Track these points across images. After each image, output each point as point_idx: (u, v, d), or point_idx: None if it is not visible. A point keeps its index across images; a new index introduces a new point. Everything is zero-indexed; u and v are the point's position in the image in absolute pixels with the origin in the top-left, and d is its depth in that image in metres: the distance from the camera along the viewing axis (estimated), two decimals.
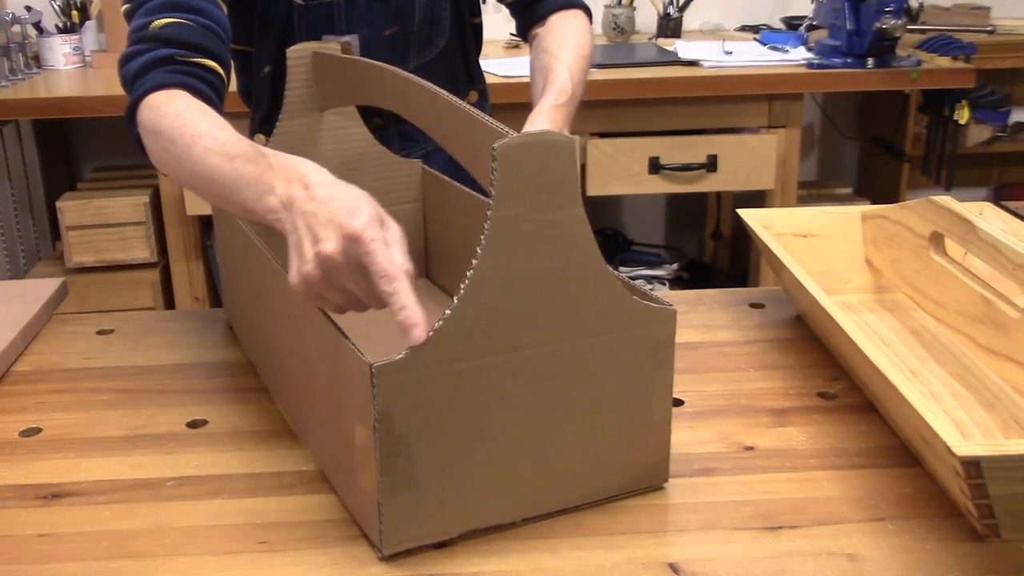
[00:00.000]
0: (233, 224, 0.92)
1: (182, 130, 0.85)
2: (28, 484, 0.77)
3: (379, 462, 0.64)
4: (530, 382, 0.67)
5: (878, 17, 2.22)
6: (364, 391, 0.63)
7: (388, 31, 1.18)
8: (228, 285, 1.03)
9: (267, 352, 0.90)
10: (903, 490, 0.74)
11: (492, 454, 0.68)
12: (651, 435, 0.73)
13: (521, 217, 0.64)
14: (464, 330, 0.64)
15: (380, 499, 0.65)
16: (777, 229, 1.06)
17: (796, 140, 2.40)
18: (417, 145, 1.26)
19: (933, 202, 0.93)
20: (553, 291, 0.66)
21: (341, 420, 0.70)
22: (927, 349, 0.94)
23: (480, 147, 0.71)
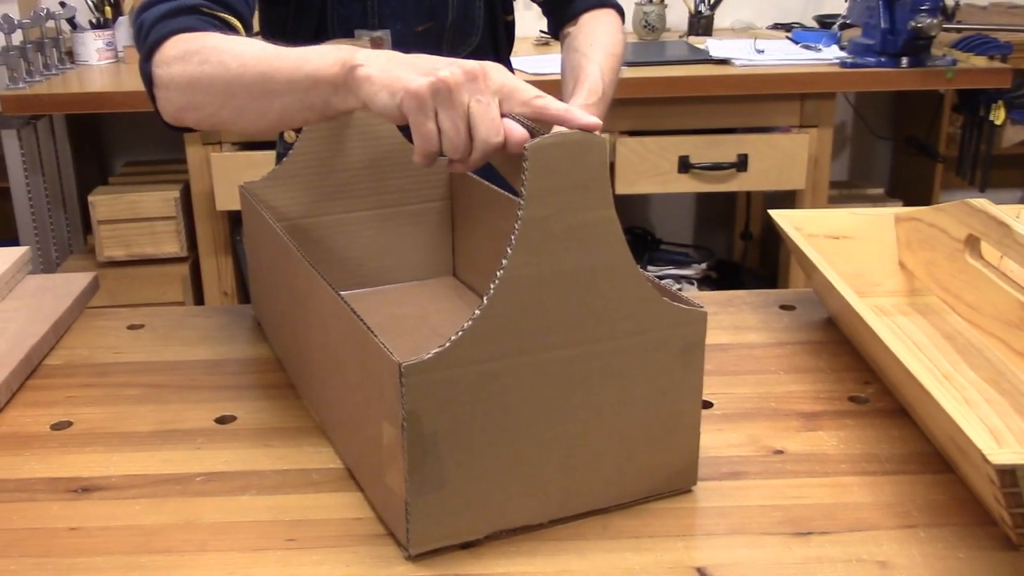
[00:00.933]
0: (262, 221, 0.92)
1: (224, 40, 0.83)
2: (59, 477, 0.77)
3: (407, 461, 0.64)
4: (559, 383, 0.67)
5: (913, 16, 2.19)
6: (392, 390, 0.63)
7: (420, 27, 1.18)
8: (256, 282, 1.04)
9: (295, 349, 0.90)
10: (935, 497, 0.73)
11: (520, 455, 0.67)
12: (680, 438, 0.73)
13: (552, 217, 0.63)
14: (493, 330, 0.64)
15: (407, 498, 0.65)
16: (809, 230, 1.05)
17: (828, 140, 2.38)
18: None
19: (969, 204, 0.92)
20: (583, 292, 0.66)
21: (368, 418, 0.70)
22: (961, 353, 0.93)
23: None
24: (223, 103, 0.83)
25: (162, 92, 0.87)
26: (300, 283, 0.82)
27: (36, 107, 2.28)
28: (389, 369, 0.63)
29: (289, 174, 1.01)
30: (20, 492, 0.76)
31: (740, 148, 2.32)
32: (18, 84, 2.29)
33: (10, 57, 2.27)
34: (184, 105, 0.86)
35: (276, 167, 1.01)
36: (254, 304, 1.06)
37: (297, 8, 1.16)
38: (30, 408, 0.88)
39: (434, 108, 0.68)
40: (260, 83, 0.79)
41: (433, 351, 0.63)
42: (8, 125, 2.32)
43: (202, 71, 0.82)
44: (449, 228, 1.10)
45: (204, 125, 0.90)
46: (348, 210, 1.04)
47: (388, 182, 1.05)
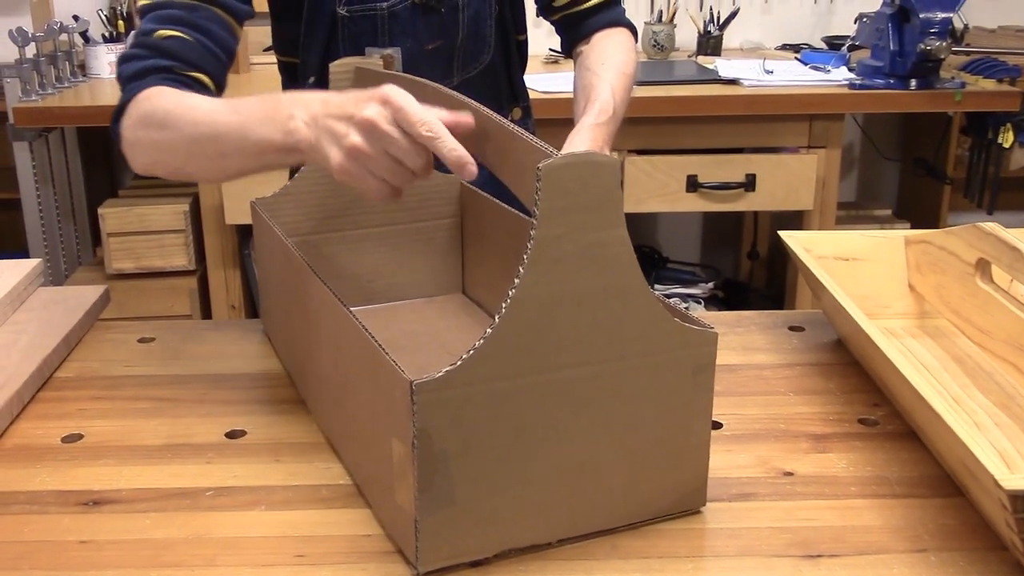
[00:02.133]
0: (273, 237, 0.92)
1: (179, 105, 0.90)
2: (69, 490, 0.77)
3: (417, 479, 0.64)
4: (569, 402, 0.67)
5: (922, 38, 2.20)
6: (403, 407, 0.63)
7: (431, 45, 1.19)
8: (267, 297, 1.04)
9: (305, 365, 0.90)
10: (946, 521, 0.73)
11: (530, 474, 0.67)
12: (689, 458, 0.73)
13: (564, 237, 0.64)
14: (505, 349, 0.64)
15: (417, 516, 0.65)
16: (818, 252, 1.05)
17: (836, 161, 2.38)
18: None
19: (979, 228, 0.92)
20: (594, 312, 0.66)
21: (378, 435, 0.70)
22: (971, 377, 0.93)
23: (524, 165, 0.71)
24: (186, 161, 0.90)
25: (129, 150, 0.94)
26: (312, 299, 0.82)
27: (48, 119, 2.29)
28: (400, 386, 0.64)
29: (301, 190, 1.01)
30: (31, 504, 0.76)
31: (748, 168, 2.33)
32: (30, 96, 2.30)
33: (23, 70, 2.29)
34: (151, 163, 0.94)
35: (288, 183, 1.02)
36: (263, 319, 1.07)
37: (308, 25, 1.17)
38: (41, 420, 0.89)
39: (364, 170, 0.76)
40: (213, 146, 0.86)
41: (444, 369, 0.63)
42: (20, 137, 2.33)
43: (162, 135, 0.90)
44: (459, 246, 1.10)
45: (173, 177, 0.98)
46: (358, 226, 1.05)
47: (398, 200, 1.05)
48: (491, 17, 1.21)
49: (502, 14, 1.23)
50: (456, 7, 1.18)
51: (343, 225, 1.04)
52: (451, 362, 0.63)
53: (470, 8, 1.19)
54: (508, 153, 0.75)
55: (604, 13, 1.23)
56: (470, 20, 1.20)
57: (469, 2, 1.18)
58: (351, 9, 1.15)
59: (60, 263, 2.52)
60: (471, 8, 1.19)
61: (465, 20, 1.19)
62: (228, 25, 1.01)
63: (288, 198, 1.01)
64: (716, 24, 2.85)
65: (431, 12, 1.17)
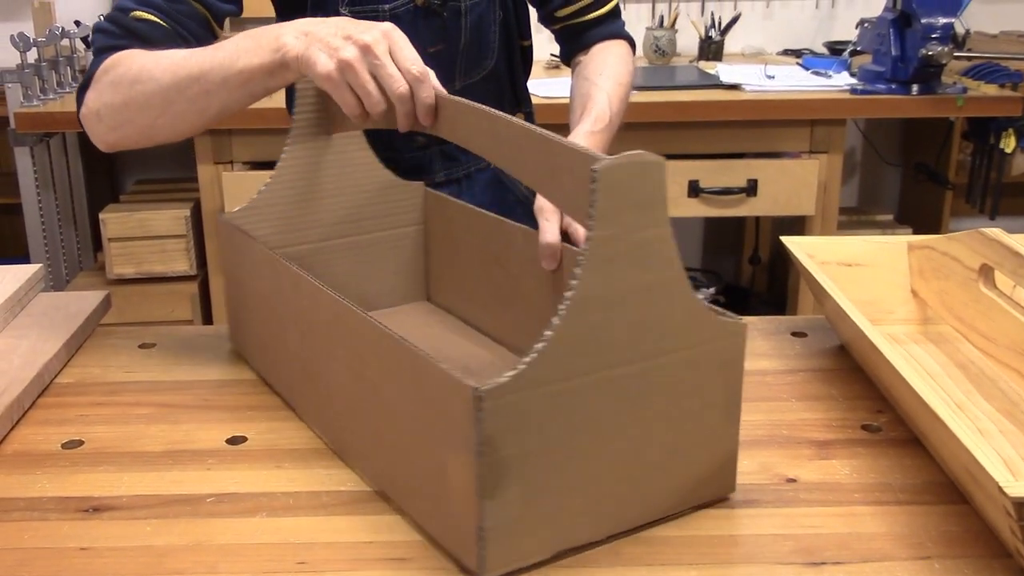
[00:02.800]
0: (254, 251, 0.91)
1: (154, 58, 0.93)
2: (70, 496, 0.77)
3: (481, 486, 0.64)
4: (621, 400, 0.68)
5: (924, 43, 2.20)
6: (465, 415, 0.63)
7: (432, 48, 1.19)
8: (240, 311, 1.00)
9: (301, 375, 0.89)
10: (949, 528, 0.72)
11: (585, 473, 0.68)
12: (724, 445, 0.75)
13: (618, 236, 0.65)
14: (563, 350, 0.64)
15: (481, 523, 0.65)
16: (821, 258, 1.05)
17: (838, 166, 2.38)
18: (459, 165, 1.27)
19: (983, 234, 0.92)
20: (643, 309, 0.67)
21: (425, 444, 0.69)
22: (974, 383, 0.92)
23: (557, 168, 0.71)
24: (160, 112, 0.92)
25: (92, 119, 0.97)
26: (320, 310, 0.81)
27: (49, 125, 2.29)
28: (460, 394, 0.63)
29: (267, 203, 1.00)
30: (31, 511, 0.75)
31: (750, 173, 2.33)
32: (32, 102, 2.30)
33: (24, 75, 2.29)
34: (117, 125, 0.96)
35: (254, 197, 1.00)
36: (233, 334, 1.04)
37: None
38: (41, 426, 0.88)
39: (345, 82, 0.82)
40: (195, 86, 0.89)
41: (508, 374, 0.63)
42: (21, 142, 2.33)
43: (135, 90, 0.92)
44: (422, 253, 1.10)
45: (138, 142, 0.98)
46: (324, 238, 1.03)
47: (363, 208, 1.05)
48: (495, 23, 1.21)
49: (507, 20, 1.23)
50: (459, 11, 1.18)
51: (309, 238, 1.03)
52: (513, 366, 0.63)
53: (473, 13, 1.19)
54: (539, 157, 0.74)
55: (605, 26, 1.25)
56: (473, 25, 1.19)
57: (472, 7, 1.18)
58: (353, 10, 1.15)
59: (61, 268, 2.52)
60: (474, 13, 1.19)
61: (468, 25, 1.19)
62: (205, 22, 1.03)
63: (254, 212, 0.99)
64: (718, 29, 2.85)
65: (433, 15, 1.17)
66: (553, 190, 0.74)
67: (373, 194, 1.06)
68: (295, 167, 1.00)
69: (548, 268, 0.91)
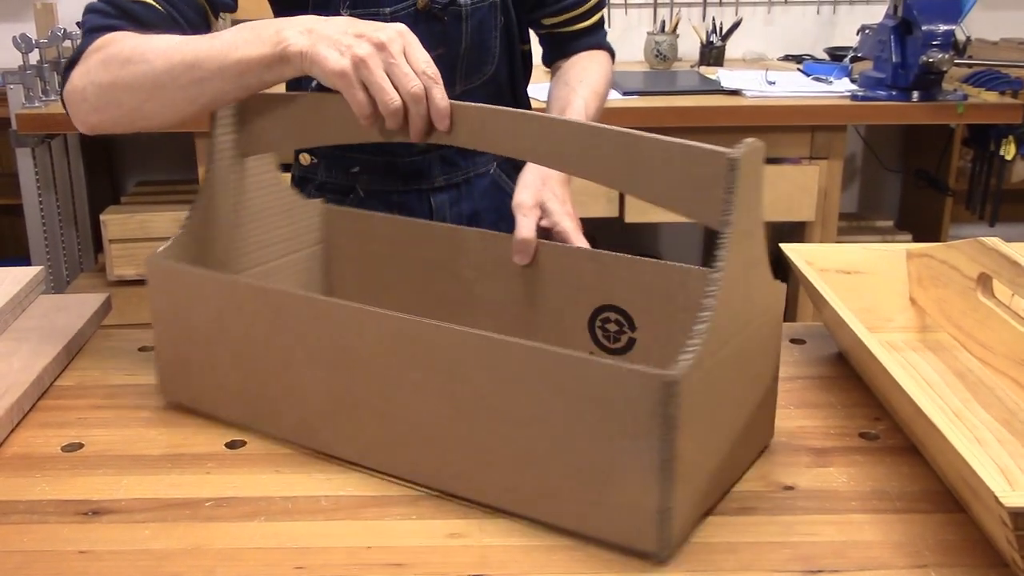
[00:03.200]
0: (231, 287, 0.84)
1: (149, 40, 0.91)
2: (69, 500, 0.77)
3: (663, 469, 0.67)
4: (738, 369, 0.75)
5: (925, 50, 2.20)
6: (650, 403, 0.66)
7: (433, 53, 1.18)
8: (186, 357, 0.89)
9: (322, 409, 0.82)
10: (946, 537, 0.73)
11: (718, 443, 0.75)
12: (771, 398, 0.84)
13: (749, 215, 0.71)
14: (715, 327, 0.70)
15: (665, 505, 0.68)
16: (820, 265, 1.05)
17: (838, 172, 2.39)
18: (459, 170, 1.27)
19: (981, 243, 0.92)
20: (752, 281, 0.75)
21: (586, 442, 0.70)
22: (972, 392, 0.92)
23: (636, 162, 0.75)
24: (148, 96, 0.90)
25: (75, 97, 0.94)
26: (381, 340, 0.76)
27: (51, 126, 2.30)
28: (646, 384, 0.66)
29: (194, 238, 0.93)
30: (30, 514, 0.76)
31: None
32: (33, 103, 2.31)
33: (26, 76, 2.30)
34: (100, 106, 0.93)
35: (177, 234, 0.91)
36: (170, 387, 0.92)
37: None
38: (41, 429, 0.89)
39: (359, 80, 0.80)
40: (188, 73, 0.86)
41: (686, 357, 0.67)
42: (23, 143, 2.33)
43: (125, 71, 0.90)
44: (324, 273, 1.07)
45: (120, 126, 0.95)
46: (244, 267, 0.98)
47: (273, 233, 1.01)
48: (496, 28, 1.21)
49: (508, 25, 1.23)
50: (459, 16, 1.18)
51: (238, 267, 0.98)
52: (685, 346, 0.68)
53: (474, 18, 1.19)
54: (615, 153, 0.76)
55: (589, 37, 1.29)
56: (474, 30, 1.20)
57: (473, 12, 1.19)
58: (354, 13, 1.16)
59: (62, 269, 2.52)
60: (475, 18, 1.19)
61: (469, 29, 1.19)
62: (202, 11, 1.02)
63: (181, 249, 0.91)
64: (719, 35, 2.85)
65: (434, 19, 1.17)
66: (633, 183, 0.76)
67: (279, 214, 1.01)
68: (216, 194, 0.93)
69: (519, 263, 0.94)
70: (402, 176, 1.25)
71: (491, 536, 0.73)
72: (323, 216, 1.06)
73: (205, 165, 0.90)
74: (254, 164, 0.96)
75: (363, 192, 1.26)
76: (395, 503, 0.77)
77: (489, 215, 1.29)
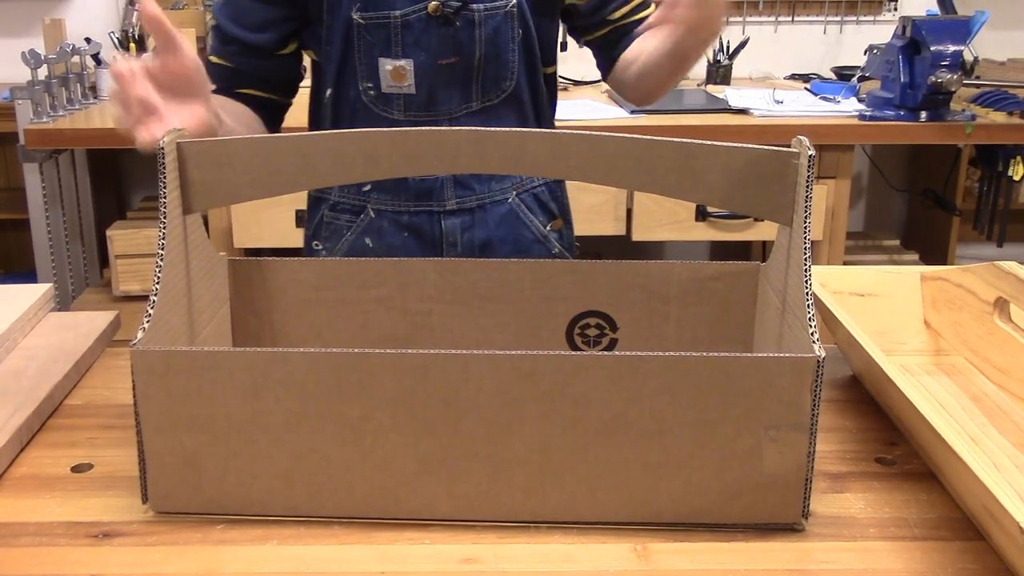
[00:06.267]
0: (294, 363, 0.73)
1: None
2: (79, 522, 0.77)
3: (809, 443, 0.74)
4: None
5: (933, 71, 2.20)
6: (801, 387, 0.72)
7: (445, 60, 1.18)
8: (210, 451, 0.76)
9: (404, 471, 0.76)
10: (966, 565, 0.72)
11: None
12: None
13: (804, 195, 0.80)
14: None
15: (808, 475, 0.75)
16: (834, 287, 1.04)
17: (845, 191, 2.39)
18: (472, 194, 1.25)
19: (998, 267, 0.91)
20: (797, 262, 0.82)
21: (732, 436, 0.74)
22: (988, 416, 0.92)
23: (697, 170, 0.80)
24: None
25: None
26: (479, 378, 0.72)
27: (58, 141, 2.30)
28: (799, 369, 0.71)
29: (162, 317, 0.82)
30: (40, 536, 0.75)
31: None
32: (42, 118, 2.31)
33: (35, 91, 2.30)
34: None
35: (146, 327, 0.79)
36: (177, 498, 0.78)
37: (328, 30, 1.19)
38: (50, 449, 0.88)
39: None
40: None
41: (813, 334, 0.73)
42: (30, 158, 2.33)
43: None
44: (230, 328, 0.98)
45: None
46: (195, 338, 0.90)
47: (201, 297, 0.91)
48: (513, 41, 1.20)
49: (527, 40, 1.22)
50: (472, 22, 1.17)
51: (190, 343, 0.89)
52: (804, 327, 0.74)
53: (487, 25, 1.18)
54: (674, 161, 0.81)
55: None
56: (488, 38, 1.18)
57: (486, 19, 1.17)
58: (366, 16, 1.16)
59: (68, 284, 2.52)
60: (488, 25, 1.18)
61: (482, 37, 1.18)
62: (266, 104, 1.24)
63: (159, 332, 0.81)
64: (726, 53, 2.86)
65: (446, 24, 1.17)
66: (695, 190, 0.81)
67: (202, 275, 0.90)
68: (175, 263, 0.83)
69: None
70: (414, 195, 1.24)
71: (505, 561, 0.72)
72: (228, 275, 0.95)
73: (161, 229, 0.80)
74: (190, 223, 0.86)
75: (374, 212, 1.26)
76: (407, 527, 0.76)
77: (504, 246, 1.26)
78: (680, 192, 0.81)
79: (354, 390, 0.73)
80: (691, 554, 0.73)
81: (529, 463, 0.75)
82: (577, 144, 0.81)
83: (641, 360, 0.72)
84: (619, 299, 0.93)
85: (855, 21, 3.04)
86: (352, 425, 0.74)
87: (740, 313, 0.93)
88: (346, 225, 1.27)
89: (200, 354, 0.74)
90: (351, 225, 1.27)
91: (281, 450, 0.75)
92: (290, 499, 0.77)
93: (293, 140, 0.82)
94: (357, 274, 0.95)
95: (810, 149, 0.78)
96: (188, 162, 0.83)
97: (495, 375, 0.72)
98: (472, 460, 0.75)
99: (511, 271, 0.93)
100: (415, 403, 0.73)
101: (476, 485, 0.75)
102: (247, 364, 0.74)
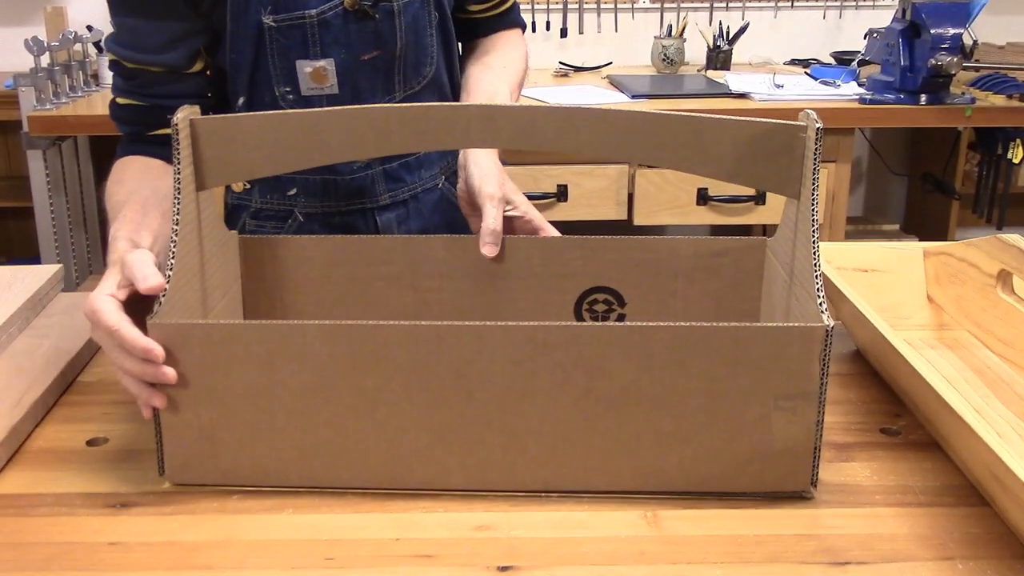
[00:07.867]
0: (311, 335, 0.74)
1: (125, 174, 1.05)
2: (97, 493, 0.78)
3: (819, 412, 0.75)
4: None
5: (932, 54, 2.21)
6: (812, 355, 0.73)
7: (367, 56, 1.12)
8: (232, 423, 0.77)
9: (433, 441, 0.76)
10: (971, 530, 0.73)
11: None
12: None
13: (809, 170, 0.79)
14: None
15: (816, 444, 0.76)
16: (838, 263, 1.05)
17: (846, 175, 2.39)
18: (405, 186, 1.21)
19: (1001, 240, 0.92)
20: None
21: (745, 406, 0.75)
22: (992, 388, 0.93)
23: (707, 144, 0.81)
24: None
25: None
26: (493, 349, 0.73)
27: (62, 128, 2.30)
28: (810, 338, 0.73)
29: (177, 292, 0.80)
30: (59, 506, 0.76)
31: None
32: (45, 105, 2.31)
33: (38, 79, 2.30)
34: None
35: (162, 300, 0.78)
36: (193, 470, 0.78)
37: (232, 37, 1.09)
38: (66, 424, 0.89)
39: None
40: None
41: (821, 305, 0.74)
42: (34, 146, 2.34)
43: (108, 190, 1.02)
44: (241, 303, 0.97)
45: None
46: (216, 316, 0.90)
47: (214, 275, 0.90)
48: (431, 25, 1.15)
49: (443, 23, 1.17)
50: (391, 12, 1.11)
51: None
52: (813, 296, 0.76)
53: (406, 14, 1.12)
54: (686, 137, 0.82)
55: (506, 16, 1.27)
56: (408, 27, 1.13)
57: (405, 7, 1.12)
58: (278, 18, 1.08)
59: (72, 271, 2.53)
60: (407, 14, 1.12)
61: (403, 27, 1.12)
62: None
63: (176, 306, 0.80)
64: (725, 39, 2.86)
65: (365, 18, 1.10)
66: (705, 162, 0.82)
67: (216, 253, 0.89)
68: (189, 238, 0.83)
69: (489, 255, 0.93)
70: (344, 194, 1.19)
71: (518, 528, 0.73)
72: (238, 250, 0.95)
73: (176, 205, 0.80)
74: (204, 199, 0.86)
75: (302, 216, 1.20)
76: (421, 497, 0.77)
77: (441, 232, 1.22)
78: (689, 166, 0.82)
79: (368, 362, 0.74)
80: (701, 521, 0.74)
81: (541, 433, 0.76)
82: (586, 119, 0.82)
83: (652, 330, 0.73)
84: (627, 275, 0.94)
85: (854, 6, 3.04)
86: (366, 396, 0.75)
87: (747, 288, 0.94)
88: (272, 233, 1.20)
89: (216, 327, 0.75)
90: (277, 232, 1.20)
91: (296, 421, 0.76)
92: (305, 469, 0.78)
93: (305, 116, 0.83)
94: (366, 251, 0.96)
95: (818, 122, 0.78)
96: (200, 139, 0.83)
97: (507, 346, 0.73)
98: (485, 430, 0.76)
99: (520, 248, 0.94)
100: (428, 374, 0.74)
101: (488, 455, 0.77)
102: (262, 337, 0.74)
